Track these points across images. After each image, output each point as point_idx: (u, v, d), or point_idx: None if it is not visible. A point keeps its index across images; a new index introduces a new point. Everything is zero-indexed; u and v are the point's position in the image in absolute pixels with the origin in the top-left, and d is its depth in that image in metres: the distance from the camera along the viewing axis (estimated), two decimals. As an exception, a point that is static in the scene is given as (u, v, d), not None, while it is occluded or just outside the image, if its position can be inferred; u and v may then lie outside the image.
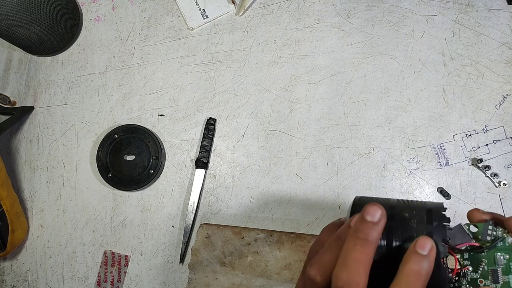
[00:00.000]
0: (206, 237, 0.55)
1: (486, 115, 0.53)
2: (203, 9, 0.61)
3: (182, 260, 0.57)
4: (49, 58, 0.65)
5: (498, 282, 0.27)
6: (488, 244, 0.28)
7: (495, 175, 0.52)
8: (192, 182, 0.58)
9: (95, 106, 0.63)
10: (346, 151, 0.56)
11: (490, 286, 0.27)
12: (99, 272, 0.60)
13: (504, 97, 0.53)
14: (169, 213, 0.59)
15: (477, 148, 0.53)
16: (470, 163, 0.53)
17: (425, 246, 0.25)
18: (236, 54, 0.60)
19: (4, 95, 0.64)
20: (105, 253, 0.60)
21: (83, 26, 0.65)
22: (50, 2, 0.59)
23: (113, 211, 0.60)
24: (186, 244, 0.57)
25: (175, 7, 0.62)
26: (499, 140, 0.52)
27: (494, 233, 0.28)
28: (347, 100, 0.56)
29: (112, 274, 0.59)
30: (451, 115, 0.54)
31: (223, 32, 0.61)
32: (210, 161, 0.59)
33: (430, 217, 0.26)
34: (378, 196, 0.30)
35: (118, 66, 0.63)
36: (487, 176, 0.52)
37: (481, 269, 0.28)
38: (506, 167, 0.52)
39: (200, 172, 0.58)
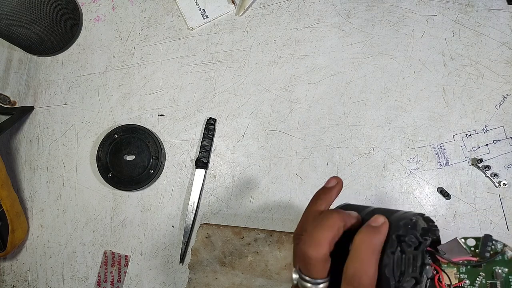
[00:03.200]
0: (206, 237, 0.55)
1: (486, 115, 0.53)
2: (203, 9, 0.61)
3: (182, 260, 0.57)
4: (49, 58, 0.65)
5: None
6: (486, 258, 0.28)
7: (495, 175, 0.52)
8: (192, 182, 0.58)
9: (95, 106, 0.63)
10: (346, 151, 0.56)
11: None
12: (99, 272, 0.60)
13: (504, 97, 0.53)
14: (169, 213, 0.59)
15: (477, 148, 0.53)
16: (470, 163, 0.53)
17: (378, 220, 0.27)
18: (236, 54, 0.60)
19: (4, 95, 0.64)
20: (105, 253, 0.60)
21: (83, 26, 0.65)
22: (50, 2, 0.59)
23: (113, 211, 0.60)
24: (186, 244, 0.57)
25: (175, 7, 0.62)
26: (499, 140, 0.52)
27: (493, 247, 0.28)
28: (347, 100, 0.56)
29: (112, 274, 0.59)
30: (451, 115, 0.54)
31: (223, 32, 0.61)
32: (210, 161, 0.59)
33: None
34: (363, 205, 0.31)
35: (118, 66, 0.63)
36: (487, 176, 0.52)
37: (478, 283, 0.28)
38: (506, 167, 0.52)
39: (200, 172, 0.58)
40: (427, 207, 0.53)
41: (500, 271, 0.28)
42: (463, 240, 0.29)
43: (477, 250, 0.28)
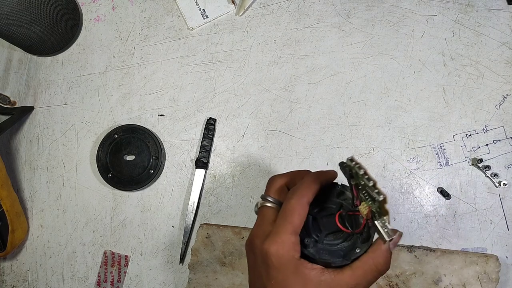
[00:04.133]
0: (206, 237, 0.55)
1: (486, 115, 0.53)
2: (203, 9, 0.61)
3: (182, 260, 0.57)
4: (49, 58, 0.65)
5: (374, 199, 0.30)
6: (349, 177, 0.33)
7: (495, 175, 0.52)
8: (192, 182, 0.58)
9: (95, 106, 0.63)
10: (346, 151, 0.56)
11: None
12: (99, 272, 0.60)
13: (504, 97, 0.53)
14: (169, 213, 0.59)
15: (477, 148, 0.53)
16: (470, 163, 0.53)
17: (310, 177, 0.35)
18: (236, 54, 0.60)
19: (4, 95, 0.64)
20: (105, 253, 0.60)
21: (83, 26, 0.65)
22: (50, 2, 0.59)
23: (113, 211, 0.60)
24: (186, 244, 0.57)
25: (175, 7, 0.62)
26: (499, 140, 0.52)
27: (347, 168, 0.33)
28: (347, 100, 0.56)
29: (112, 274, 0.59)
30: (451, 115, 0.54)
31: (223, 32, 0.61)
32: (210, 161, 0.59)
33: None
34: None
35: (118, 66, 0.63)
36: (487, 176, 0.52)
37: (367, 196, 0.32)
38: (506, 167, 0.52)
39: (200, 172, 0.58)
40: (427, 207, 0.53)
41: (362, 182, 0.32)
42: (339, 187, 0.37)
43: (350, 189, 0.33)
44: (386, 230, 0.31)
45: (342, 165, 0.33)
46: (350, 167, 0.33)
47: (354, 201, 0.33)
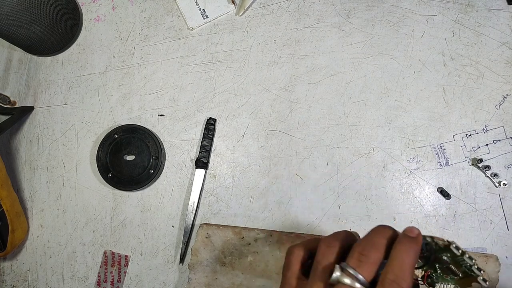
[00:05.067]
0: (206, 237, 0.55)
1: (486, 115, 0.53)
2: (203, 9, 0.61)
3: (182, 260, 0.57)
4: (49, 58, 0.65)
5: (458, 274, 0.31)
6: (426, 250, 0.32)
7: (495, 175, 0.52)
8: (192, 182, 0.58)
9: (95, 106, 0.63)
10: (346, 151, 0.56)
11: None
12: (99, 272, 0.60)
13: (504, 97, 0.53)
14: (169, 213, 0.59)
15: (477, 148, 0.53)
16: (470, 163, 0.53)
17: (414, 231, 0.31)
18: (236, 54, 0.60)
19: (4, 95, 0.64)
20: (105, 253, 0.60)
21: (83, 26, 0.65)
22: (50, 2, 0.59)
23: (113, 211, 0.60)
24: (186, 244, 0.57)
25: (175, 7, 0.62)
26: (499, 140, 0.52)
27: (424, 243, 0.32)
28: (347, 100, 0.56)
29: (112, 274, 0.59)
30: (451, 115, 0.54)
31: (223, 32, 0.61)
32: (210, 161, 0.59)
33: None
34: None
35: (118, 66, 0.63)
36: (487, 176, 0.52)
37: (439, 270, 0.32)
38: (506, 167, 0.52)
39: (200, 172, 0.58)
40: (427, 207, 0.53)
41: (444, 257, 0.31)
42: None
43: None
44: None
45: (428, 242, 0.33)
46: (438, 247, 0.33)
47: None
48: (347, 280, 0.29)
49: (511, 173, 0.52)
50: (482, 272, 0.30)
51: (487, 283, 0.31)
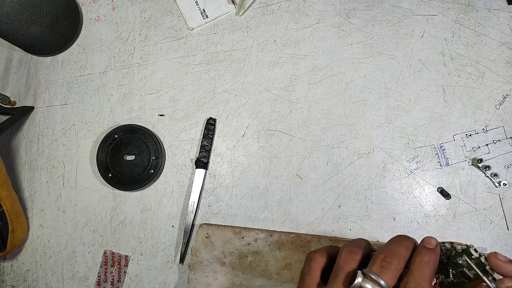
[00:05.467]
0: (206, 237, 0.55)
1: (486, 115, 0.53)
2: (203, 9, 0.61)
3: (182, 260, 0.57)
4: (49, 58, 0.65)
5: (470, 278, 0.33)
6: (444, 258, 0.34)
7: (495, 175, 0.52)
8: (192, 182, 0.58)
9: (95, 106, 0.63)
10: (346, 151, 0.56)
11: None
12: (99, 272, 0.60)
13: (504, 97, 0.53)
14: (169, 213, 0.59)
15: (477, 148, 0.53)
16: (470, 163, 0.53)
17: (432, 242, 0.32)
18: (236, 54, 0.60)
19: (4, 95, 0.64)
20: (105, 253, 0.60)
21: (83, 26, 0.65)
22: (50, 2, 0.59)
23: (113, 211, 0.60)
24: (186, 244, 0.57)
25: (175, 7, 0.62)
26: (499, 140, 0.52)
27: (443, 248, 0.34)
28: (347, 100, 0.56)
29: (112, 274, 0.59)
30: (451, 115, 0.54)
31: (223, 32, 0.61)
32: (210, 161, 0.59)
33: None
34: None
35: (118, 66, 0.63)
36: (487, 176, 0.52)
37: (451, 275, 0.33)
38: (506, 167, 0.52)
39: (200, 172, 0.58)
40: (427, 207, 0.53)
41: (460, 261, 0.33)
42: None
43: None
44: None
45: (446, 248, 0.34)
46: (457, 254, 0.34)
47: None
48: (369, 286, 0.30)
49: (511, 173, 0.52)
50: (494, 272, 0.32)
51: (494, 284, 0.31)
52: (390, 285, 0.31)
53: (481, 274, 0.32)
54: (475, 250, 0.33)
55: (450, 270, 0.33)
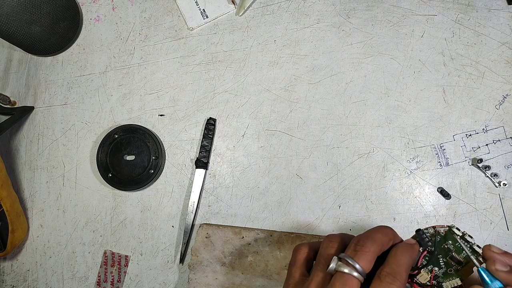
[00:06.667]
0: (206, 237, 0.55)
1: (486, 115, 0.53)
2: (203, 9, 0.61)
3: (182, 260, 0.57)
4: (49, 58, 0.65)
5: (461, 262, 0.34)
6: (431, 245, 0.35)
7: (495, 175, 0.52)
8: (192, 182, 0.58)
9: (95, 106, 0.63)
10: (346, 151, 0.56)
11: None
12: (99, 272, 0.60)
13: (504, 97, 0.53)
14: (169, 213, 0.59)
15: (477, 148, 0.53)
16: (470, 163, 0.53)
17: (411, 241, 0.34)
18: (236, 54, 0.60)
19: (4, 95, 0.64)
20: (105, 253, 0.60)
21: (83, 26, 0.65)
22: (50, 2, 0.59)
23: (113, 211, 0.60)
24: (186, 244, 0.57)
25: (175, 7, 0.62)
26: (499, 140, 0.52)
27: (428, 234, 0.35)
28: (347, 100, 0.56)
29: (112, 274, 0.59)
30: (451, 115, 0.54)
31: (223, 32, 0.61)
32: (210, 161, 0.59)
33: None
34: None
35: (118, 66, 0.63)
36: (487, 176, 0.52)
37: (443, 263, 0.34)
38: (506, 167, 0.52)
39: (200, 172, 0.58)
40: (427, 207, 0.53)
41: (447, 246, 0.34)
42: None
43: (420, 248, 0.35)
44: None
45: (420, 232, 0.36)
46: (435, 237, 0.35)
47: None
48: (345, 269, 0.31)
49: (511, 173, 0.52)
50: (481, 249, 0.32)
51: (483, 264, 0.32)
52: (366, 269, 0.31)
53: (477, 250, 0.32)
54: (457, 229, 0.34)
55: (440, 259, 0.34)
